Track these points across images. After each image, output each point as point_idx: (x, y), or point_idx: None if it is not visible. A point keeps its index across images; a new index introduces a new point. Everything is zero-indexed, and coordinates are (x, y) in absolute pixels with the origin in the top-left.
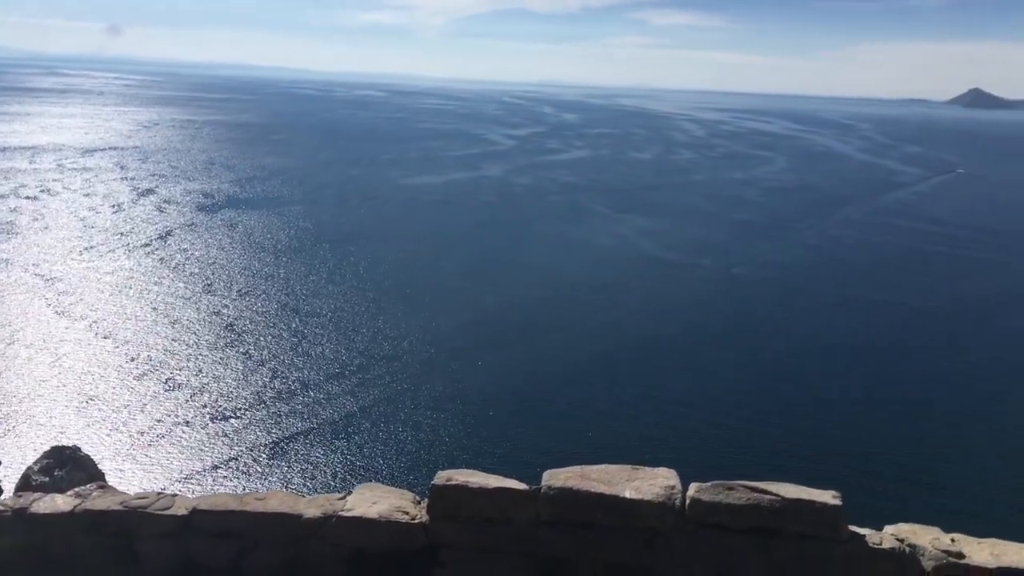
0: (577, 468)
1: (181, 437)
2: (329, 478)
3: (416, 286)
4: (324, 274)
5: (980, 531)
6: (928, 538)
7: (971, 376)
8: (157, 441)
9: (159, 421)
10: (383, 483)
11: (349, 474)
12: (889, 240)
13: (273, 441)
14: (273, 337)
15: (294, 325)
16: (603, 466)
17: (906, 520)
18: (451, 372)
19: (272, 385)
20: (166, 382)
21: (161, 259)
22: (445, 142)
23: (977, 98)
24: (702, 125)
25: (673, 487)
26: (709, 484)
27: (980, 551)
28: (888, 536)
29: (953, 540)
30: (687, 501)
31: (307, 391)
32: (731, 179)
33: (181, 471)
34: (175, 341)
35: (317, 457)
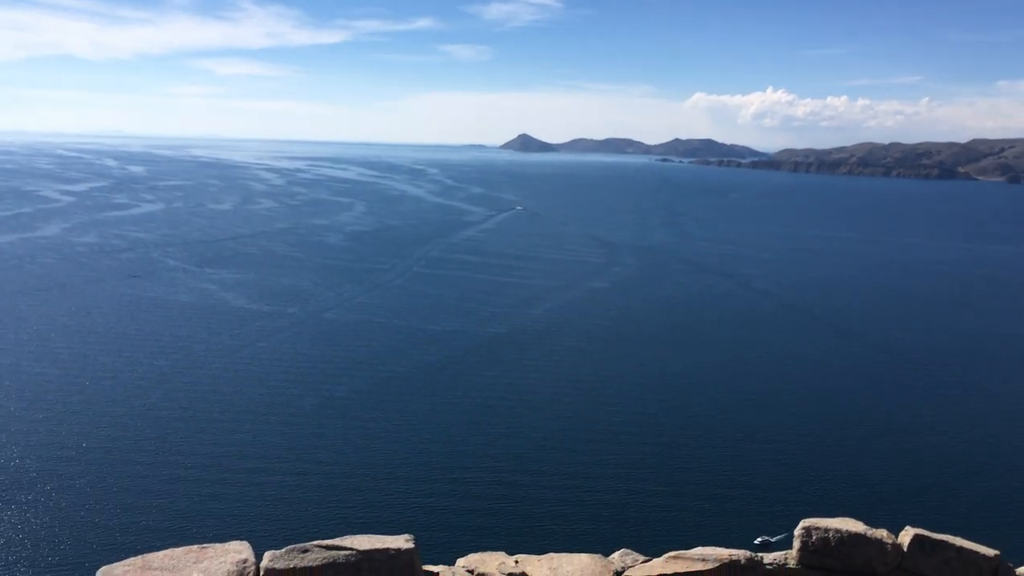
0: (138, 559)
1: None
2: None
3: None
4: None
5: (540, 548)
6: (495, 563)
7: (526, 398)
8: None
9: None
10: None
11: None
12: (464, 275)
13: None
14: None
15: None
16: (167, 551)
17: (479, 549)
18: None
19: None
20: None
21: None
22: None
23: (526, 142)
24: (280, 174)
25: (246, 560)
26: (283, 550)
27: (540, 567)
28: (460, 569)
29: (517, 561)
30: (261, 572)
31: None
32: (314, 225)
33: None
34: None
35: None
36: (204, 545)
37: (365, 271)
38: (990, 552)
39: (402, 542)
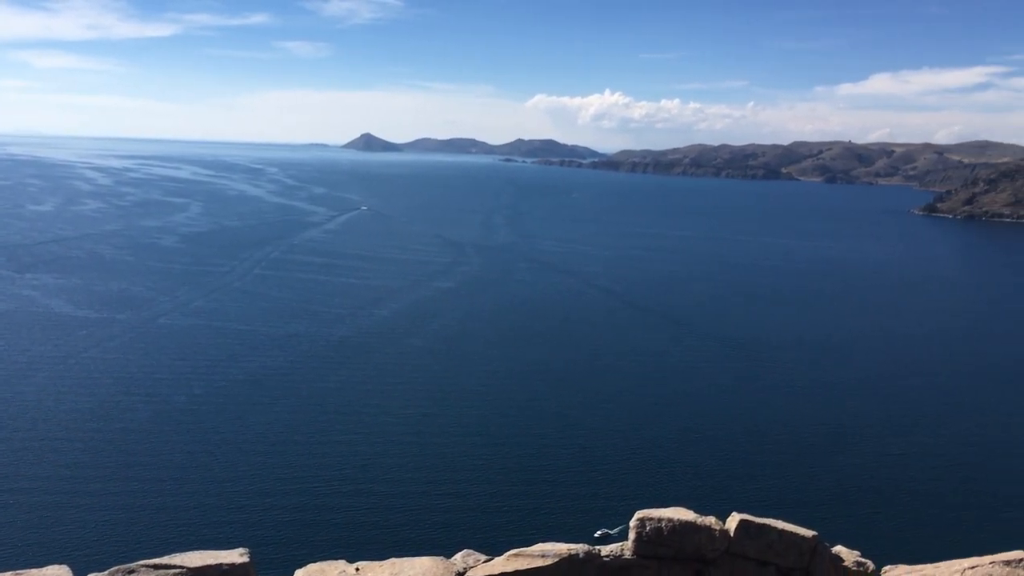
0: None
1: None
2: None
3: None
4: None
5: (383, 554)
6: (335, 572)
7: (372, 402)
8: None
9: None
10: None
11: None
12: (308, 277)
13: None
14: None
15: None
16: None
17: (320, 559)
18: None
19: None
20: None
21: None
22: None
23: (369, 142)
24: (107, 173)
25: None
26: (107, 572)
27: (381, 573)
28: None
29: (358, 569)
30: None
31: None
32: (146, 227)
33: None
34: None
35: None
36: (19, 572)
37: (202, 274)
38: (808, 533)
39: (236, 556)
